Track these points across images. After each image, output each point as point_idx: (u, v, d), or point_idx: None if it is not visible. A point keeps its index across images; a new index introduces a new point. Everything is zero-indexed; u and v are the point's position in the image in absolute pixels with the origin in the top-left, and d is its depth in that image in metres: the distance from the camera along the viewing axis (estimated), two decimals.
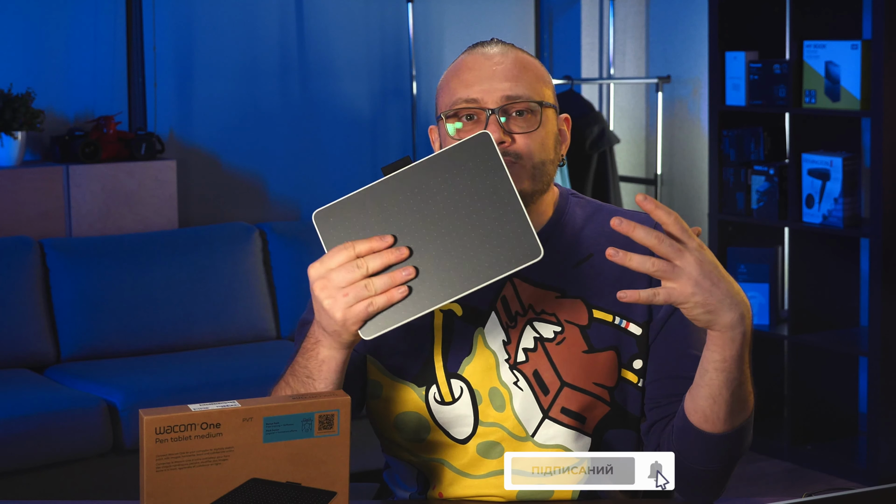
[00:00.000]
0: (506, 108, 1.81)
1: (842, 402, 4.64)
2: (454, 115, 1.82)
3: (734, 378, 1.68)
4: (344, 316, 1.61)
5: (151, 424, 1.50)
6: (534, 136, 1.81)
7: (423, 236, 1.60)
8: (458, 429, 1.85)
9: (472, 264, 1.60)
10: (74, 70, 4.72)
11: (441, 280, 1.60)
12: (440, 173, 1.61)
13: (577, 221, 1.90)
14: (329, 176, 5.22)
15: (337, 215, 1.62)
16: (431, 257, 1.60)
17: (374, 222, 1.61)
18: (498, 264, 1.60)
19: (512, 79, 1.81)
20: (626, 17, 5.61)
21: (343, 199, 1.62)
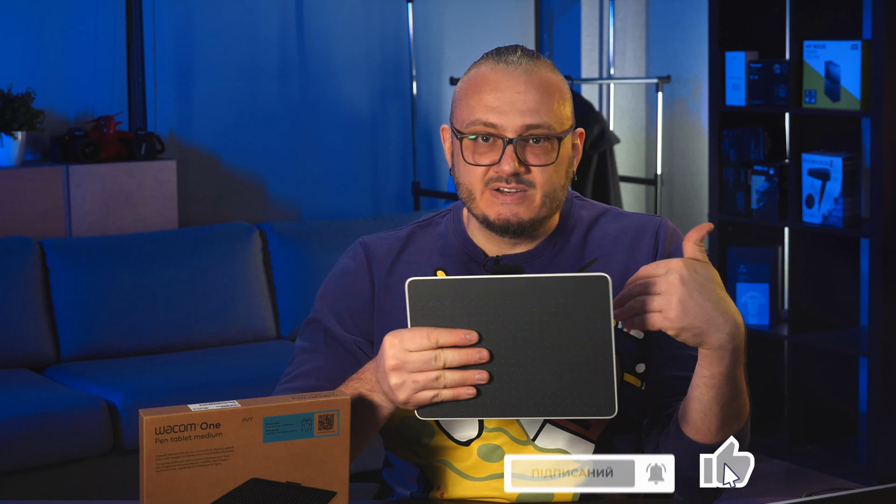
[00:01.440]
0: (524, 136, 1.78)
1: (842, 402, 4.64)
2: (471, 134, 1.80)
3: (724, 393, 1.68)
4: (407, 399, 1.62)
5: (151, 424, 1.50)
6: (549, 168, 1.79)
7: (507, 348, 1.58)
8: (461, 433, 1.85)
9: (543, 395, 1.58)
10: (74, 70, 4.72)
11: (508, 396, 1.59)
12: (546, 296, 1.57)
13: (582, 225, 1.90)
14: (329, 176, 5.22)
15: (431, 291, 1.59)
16: (507, 371, 1.59)
17: (465, 314, 1.58)
18: (568, 406, 1.59)
19: (534, 107, 1.78)
20: (626, 17, 5.61)
21: (442, 279, 1.60)
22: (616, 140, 5.22)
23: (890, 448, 4.30)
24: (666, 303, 1.58)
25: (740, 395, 1.71)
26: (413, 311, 1.60)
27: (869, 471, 4.31)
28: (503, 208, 1.79)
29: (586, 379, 1.58)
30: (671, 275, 1.58)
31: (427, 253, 1.90)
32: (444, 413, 1.62)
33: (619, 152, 5.50)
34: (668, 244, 1.88)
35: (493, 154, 1.79)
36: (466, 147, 1.80)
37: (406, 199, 5.34)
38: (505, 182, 1.78)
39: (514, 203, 1.79)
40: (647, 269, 1.59)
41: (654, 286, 1.58)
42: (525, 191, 1.79)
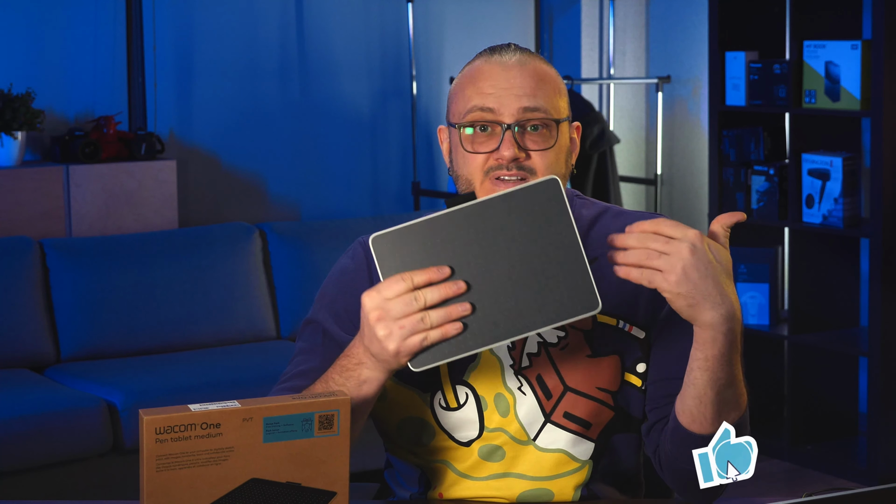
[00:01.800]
0: (522, 122, 1.79)
1: (842, 402, 4.64)
2: (468, 124, 1.81)
3: (718, 378, 1.68)
4: (398, 348, 1.60)
5: (151, 424, 1.50)
6: (549, 152, 1.80)
7: (481, 274, 1.58)
8: (462, 433, 1.85)
9: (527, 308, 1.57)
10: (74, 70, 4.72)
11: (494, 320, 1.58)
12: (504, 213, 1.57)
13: (582, 224, 1.89)
14: (329, 176, 5.22)
15: (395, 242, 1.59)
16: (486, 296, 1.58)
17: (433, 254, 1.58)
18: (554, 312, 1.58)
19: (530, 92, 1.79)
20: (626, 17, 5.61)
21: (402, 227, 1.59)
22: (616, 140, 5.22)
23: (890, 448, 4.30)
24: (670, 265, 1.57)
25: (736, 383, 1.70)
26: (382, 266, 1.59)
27: (869, 471, 4.31)
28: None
29: (563, 280, 1.58)
30: (684, 242, 1.58)
31: None
32: (438, 357, 1.60)
33: (619, 152, 5.51)
34: None
35: (492, 142, 1.79)
36: (465, 138, 1.81)
37: (406, 199, 5.34)
38: (506, 169, 1.78)
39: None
40: (664, 226, 1.59)
41: (664, 244, 1.58)
42: (526, 178, 1.79)
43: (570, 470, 1.86)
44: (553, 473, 1.85)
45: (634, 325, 1.85)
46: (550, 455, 1.84)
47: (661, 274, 1.58)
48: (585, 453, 1.85)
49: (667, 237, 1.58)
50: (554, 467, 1.85)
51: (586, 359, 1.84)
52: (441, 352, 1.60)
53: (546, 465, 1.85)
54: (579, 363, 1.84)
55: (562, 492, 1.86)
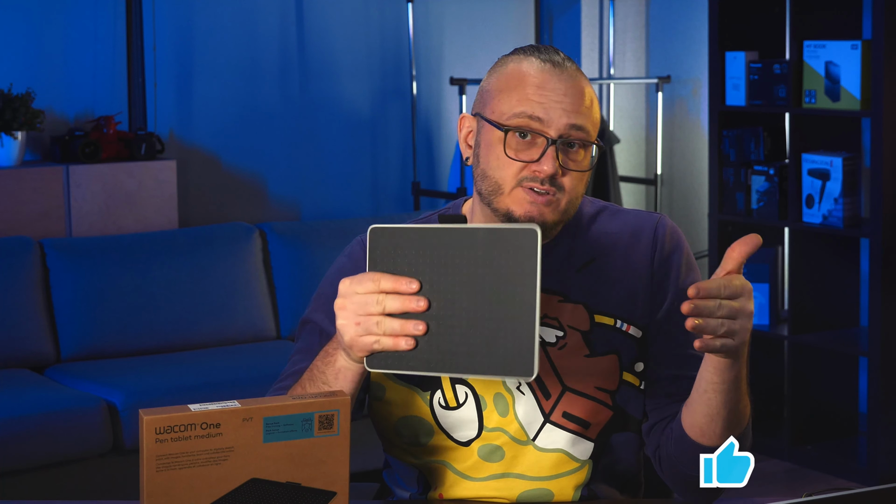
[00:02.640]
0: (566, 138, 1.77)
1: (842, 402, 4.64)
2: (514, 128, 1.77)
3: (731, 398, 1.69)
4: (351, 342, 1.61)
5: (151, 424, 1.50)
6: (581, 174, 1.78)
7: (446, 299, 1.57)
8: (461, 433, 1.85)
9: (472, 350, 1.56)
10: (74, 70, 4.72)
11: (442, 350, 1.57)
12: (479, 247, 1.56)
13: (581, 223, 1.89)
14: (329, 176, 5.22)
15: (389, 239, 1.59)
16: (443, 323, 1.57)
17: (415, 262, 1.58)
18: (490, 363, 1.56)
19: (577, 109, 1.77)
20: (626, 17, 5.61)
21: (400, 227, 1.60)
22: (616, 140, 5.22)
23: (890, 448, 4.30)
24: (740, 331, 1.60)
25: (744, 396, 1.72)
26: (371, 257, 1.60)
27: (869, 471, 4.31)
28: (533, 207, 1.76)
29: (510, 335, 1.55)
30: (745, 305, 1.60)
31: None
32: (390, 365, 1.60)
33: (619, 152, 5.50)
34: (667, 242, 1.88)
35: (533, 151, 1.76)
36: (508, 141, 1.77)
37: (406, 199, 5.34)
38: (540, 183, 1.76)
39: (544, 205, 1.76)
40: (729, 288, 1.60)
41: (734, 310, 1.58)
42: (555, 194, 1.76)
43: (570, 470, 1.86)
44: (553, 473, 1.85)
45: (632, 325, 1.85)
46: (550, 455, 1.84)
47: (729, 342, 1.60)
48: (585, 453, 1.85)
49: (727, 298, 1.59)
50: (553, 467, 1.85)
51: (585, 359, 1.84)
52: (393, 362, 1.60)
53: (546, 465, 1.85)
54: (578, 363, 1.84)
55: (562, 492, 1.86)
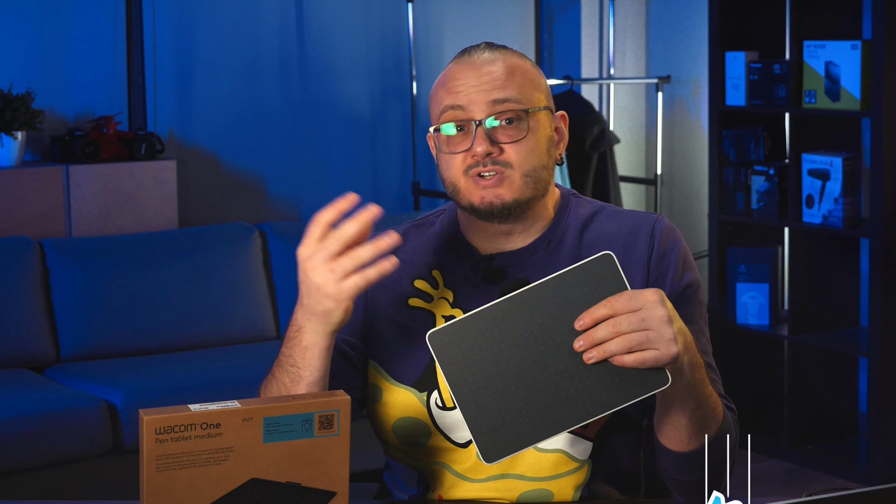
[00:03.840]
0: (494, 116, 1.79)
1: (842, 402, 4.64)
2: (444, 125, 1.81)
3: (687, 404, 1.67)
4: (336, 292, 1.63)
5: (151, 424, 1.50)
6: (522, 144, 1.79)
7: (545, 360, 1.55)
8: (458, 433, 1.85)
9: (598, 392, 1.54)
10: (74, 70, 4.72)
11: (565, 407, 1.54)
12: (562, 294, 1.54)
13: (578, 224, 1.89)
14: (329, 176, 5.22)
15: (452, 336, 1.57)
16: (554, 382, 1.55)
17: (493, 345, 1.55)
18: (625, 392, 1.54)
19: (499, 86, 1.79)
20: (626, 17, 5.61)
21: (457, 321, 1.57)
22: (616, 140, 5.22)
23: (890, 448, 4.30)
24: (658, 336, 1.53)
25: (706, 401, 1.69)
26: (442, 361, 1.57)
27: (869, 471, 4.31)
28: (485, 192, 1.78)
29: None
30: (651, 308, 1.53)
31: (422, 252, 1.90)
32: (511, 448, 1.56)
33: (619, 152, 5.50)
34: (664, 242, 1.87)
35: (467, 141, 1.79)
36: (442, 140, 1.81)
37: (406, 199, 5.34)
38: (482, 166, 1.78)
39: (494, 185, 1.78)
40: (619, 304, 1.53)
41: (638, 321, 1.53)
42: (502, 172, 1.78)
43: (570, 470, 1.86)
44: (552, 474, 1.85)
45: None
46: (549, 455, 1.84)
47: (655, 352, 1.53)
48: (584, 453, 1.85)
49: (631, 310, 1.53)
50: (553, 467, 1.85)
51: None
52: (515, 441, 1.56)
53: (545, 466, 1.85)
54: None
55: (562, 492, 1.86)
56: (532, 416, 1.55)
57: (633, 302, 1.53)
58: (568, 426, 1.56)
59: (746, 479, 1.59)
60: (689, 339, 1.60)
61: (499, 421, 1.56)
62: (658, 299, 1.54)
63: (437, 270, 1.89)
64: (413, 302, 1.87)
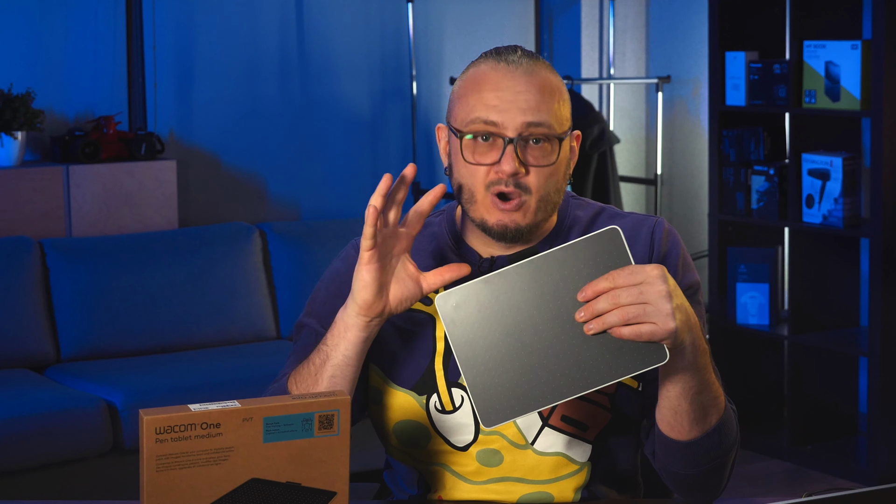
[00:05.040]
0: (524, 135, 1.77)
1: (842, 402, 4.64)
2: (470, 134, 1.78)
3: (691, 388, 1.67)
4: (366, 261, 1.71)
5: (151, 424, 1.50)
6: (548, 169, 1.78)
7: (549, 330, 1.57)
8: (458, 437, 1.85)
9: (596, 362, 1.56)
10: (74, 70, 4.72)
11: (565, 377, 1.57)
12: (568, 265, 1.57)
13: (578, 225, 1.89)
14: (329, 176, 5.22)
15: (458, 300, 1.59)
16: (556, 352, 1.57)
17: (499, 311, 1.58)
18: (624, 365, 1.56)
19: (535, 106, 1.76)
20: (626, 17, 5.61)
21: (466, 286, 1.59)
22: (616, 140, 5.22)
23: (890, 448, 4.30)
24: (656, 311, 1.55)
25: (708, 387, 1.69)
26: (449, 324, 1.59)
27: (869, 471, 4.31)
28: (503, 215, 1.78)
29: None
30: (652, 282, 1.55)
31: (421, 254, 1.90)
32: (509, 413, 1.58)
33: (619, 152, 5.50)
34: (664, 244, 1.87)
35: (494, 154, 1.77)
36: (466, 146, 1.78)
37: (406, 199, 5.33)
38: (504, 185, 1.77)
39: (513, 210, 1.78)
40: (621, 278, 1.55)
41: (637, 293, 1.55)
42: (522, 197, 1.77)
43: (570, 472, 1.86)
44: (552, 476, 1.85)
45: None
46: (549, 458, 1.84)
47: (651, 325, 1.55)
48: (583, 455, 1.85)
49: (631, 284, 1.55)
50: (553, 470, 1.85)
51: None
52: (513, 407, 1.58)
53: (545, 469, 1.84)
54: None
55: (562, 494, 1.86)
56: (532, 383, 1.58)
57: (634, 276, 1.55)
58: (567, 395, 1.58)
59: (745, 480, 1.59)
60: (692, 319, 1.61)
61: (499, 386, 1.59)
62: (659, 274, 1.56)
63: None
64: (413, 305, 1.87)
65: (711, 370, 1.70)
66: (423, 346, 1.86)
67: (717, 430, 1.73)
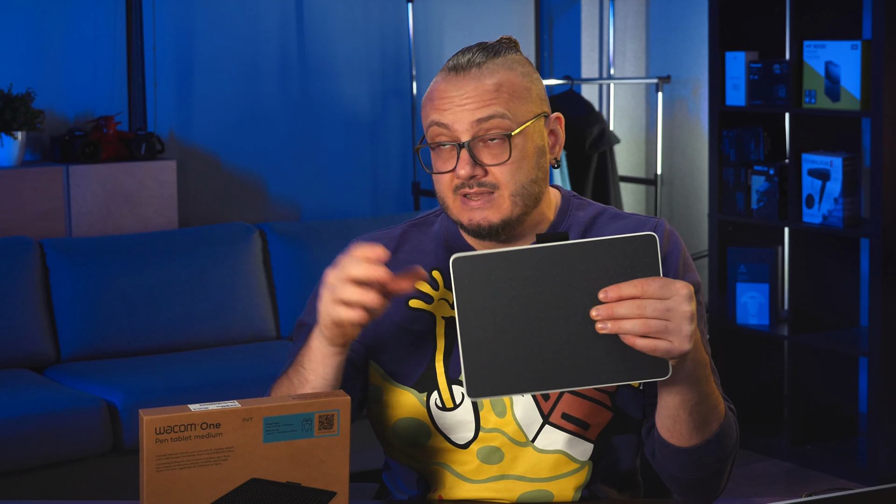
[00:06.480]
0: (478, 136, 1.76)
1: (842, 402, 4.64)
2: (430, 143, 1.79)
3: (689, 399, 1.67)
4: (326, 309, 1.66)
5: (151, 424, 1.50)
6: (507, 165, 1.77)
7: (559, 317, 1.55)
8: (458, 434, 1.85)
9: (600, 362, 1.55)
10: (74, 70, 4.72)
11: (565, 367, 1.56)
12: (595, 260, 1.55)
13: (578, 226, 1.89)
14: (329, 176, 5.22)
15: (476, 266, 1.56)
16: (561, 340, 1.55)
17: (513, 287, 1.55)
18: (624, 371, 1.55)
19: (484, 104, 1.76)
20: (626, 17, 5.61)
21: (487, 253, 1.56)
22: (616, 140, 5.22)
23: (890, 448, 4.30)
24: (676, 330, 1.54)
25: (707, 398, 1.69)
26: (459, 289, 1.56)
27: (869, 471, 4.31)
28: (473, 213, 1.78)
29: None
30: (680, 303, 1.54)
31: (422, 252, 1.90)
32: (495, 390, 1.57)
33: (619, 152, 5.50)
34: (665, 244, 1.87)
35: (452, 160, 1.78)
36: (431, 156, 1.80)
37: (406, 199, 5.34)
38: (468, 187, 1.77)
39: (481, 207, 1.77)
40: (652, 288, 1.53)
41: (664, 310, 1.53)
42: (490, 193, 1.77)
43: (570, 471, 1.86)
44: (552, 475, 1.85)
45: None
46: (549, 456, 1.84)
47: (668, 343, 1.53)
48: (584, 454, 1.85)
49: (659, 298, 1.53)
50: (553, 468, 1.85)
51: None
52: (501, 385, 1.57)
53: (545, 467, 1.85)
54: None
55: (562, 493, 1.86)
56: (527, 365, 1.56)
57: (664, 290, 1.53)
58: (559, 387, 1.57)
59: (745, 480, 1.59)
60: (698, 337, 1.60)
61: (493, 360, 1.56)
62: (688, 294, 1.54)
63: (437, 271, 1.89)
64: (413, 303, 1.87)
65: (712, 380, 1.69)
66: (423, 343, 1.86)
67: (717, 438, 1.73)
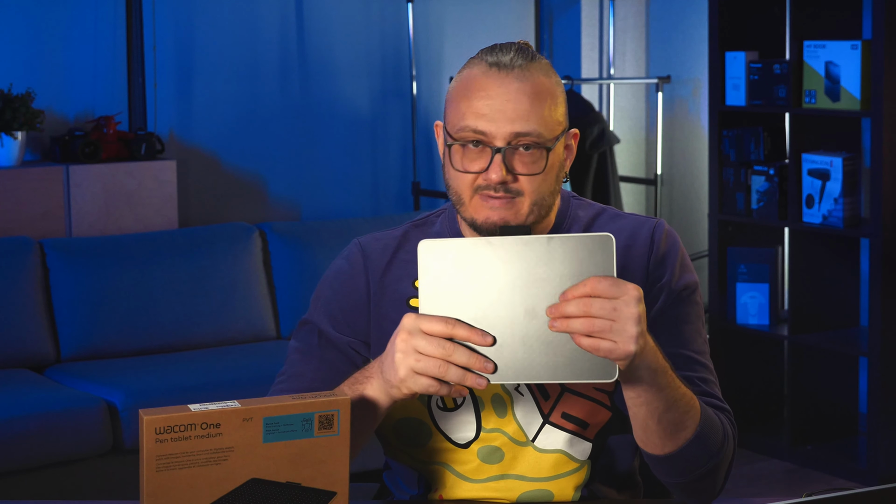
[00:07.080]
0: (513, 143, 1.76)
1: (842, 402, 4.64)
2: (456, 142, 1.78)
3: (656, 408, 1.67)
4: (405, 377, 1.60)
5: (151, 424, 1.50)
6: (537, 176, 1.77)
7: (515, 311, 1.57)
8: (459, 434, 1.85)
9: (549, 358, 1.57)
10: (74, 70, 4.72)
11: (518, 360, 1.57)
12: (553, 255, 1.57)
13: (578, 226, 1.89)
14: (329, 176, 5.22)
15: (443, 253, 1.59)
16: (515, 333, 1.57)
17: (476, 277, 1.58)
18: (573, 370, 1.56)
19: (524, 115, 1.75)
20: (626, 17, 5.61)
21: (453, 241, 1.59)
22: (616, 140, 5.22)
23: (890, 448, 4.30)
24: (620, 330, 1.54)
25: (675, 404, 1.68)
26: (424, 273, 1.59)
27: (869, 471, 4.31)
28: (491, 212, 1.77)
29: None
30: (627, 305, 1.54)
31: None
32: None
33: (619, 152, 5.50)
34: (663, 244, 1.87)
35: (482, 161, 1.77)
36: (455, 153, 1.78)
37: (406, 199, 5.34)
38: (493, 190, 1.77)
39: (502, 207, 1.77)
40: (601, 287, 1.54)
41: (610, 310, 1.53)
42: (513, 198, 1.77)
43: (570, 470, 1.86)
44: (553, 474, 1.85)
45: None
46: (549, 456, 1.85)
47: (611, 343, 1.54)
48: (584, 453, 1.86)
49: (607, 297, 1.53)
50: (553, 468, 1.85)
51: None
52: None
53: (545, 466, 1.85)
54: None
55: (562, 492, 1.86)
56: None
57: (613, 290, 1.54)
58: (508, 380, 1.58)
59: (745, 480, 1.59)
60: (650, 344, 1.60)
61: None
62: (636, 296, 1.54)
63: None
64: (414, 302, 1.87)
65: (678, 386, 1.68)
66: None
67: (695, 441, 1.72)
